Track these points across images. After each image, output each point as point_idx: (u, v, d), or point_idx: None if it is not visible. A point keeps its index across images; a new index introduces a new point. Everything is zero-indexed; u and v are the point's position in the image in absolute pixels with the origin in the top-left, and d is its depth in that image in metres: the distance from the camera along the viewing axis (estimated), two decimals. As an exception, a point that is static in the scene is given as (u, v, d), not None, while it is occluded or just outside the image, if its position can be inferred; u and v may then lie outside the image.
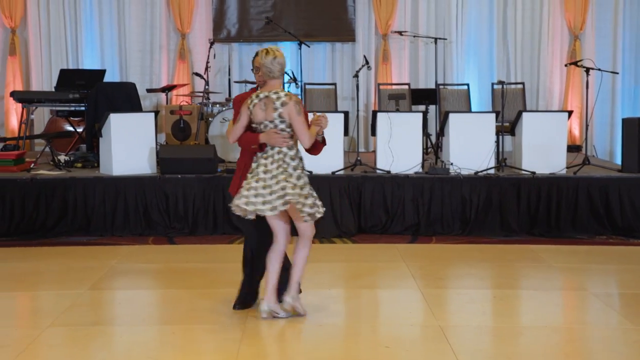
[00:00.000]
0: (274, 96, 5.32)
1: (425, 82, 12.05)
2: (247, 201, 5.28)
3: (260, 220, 5.43)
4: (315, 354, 4.95)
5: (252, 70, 5.65)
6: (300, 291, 5.61)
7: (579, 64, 9.98)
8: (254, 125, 5.40)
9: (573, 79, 12.08)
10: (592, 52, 12.06)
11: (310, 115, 5.53)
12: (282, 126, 5.31)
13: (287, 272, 5.53)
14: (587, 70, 9.54)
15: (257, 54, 5.52)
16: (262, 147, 5.38)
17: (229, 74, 11.75)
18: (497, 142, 9.08)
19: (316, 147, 5.54)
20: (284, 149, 5.32)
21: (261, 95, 5.36)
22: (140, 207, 8.50)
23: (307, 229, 5.45)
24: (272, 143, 5.32)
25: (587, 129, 9.75)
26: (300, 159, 5.42)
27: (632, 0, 12.15)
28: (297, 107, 5.30)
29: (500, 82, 9.51)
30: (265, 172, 5.30)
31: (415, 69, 12.23)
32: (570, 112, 9.41)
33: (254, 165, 5.39)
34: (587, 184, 8.59)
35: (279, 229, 5.44)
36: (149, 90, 11.52)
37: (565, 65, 11.74)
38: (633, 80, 12.25)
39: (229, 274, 6.80)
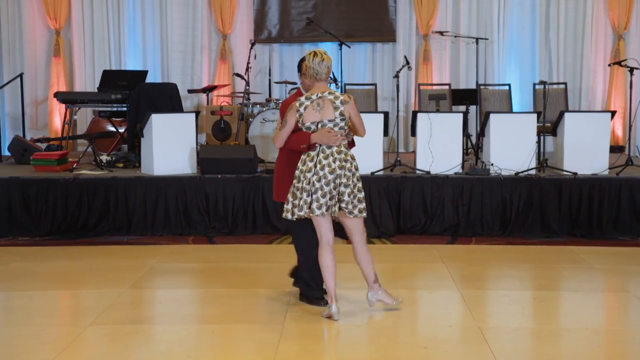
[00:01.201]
0: (331, 97, 5.46)
1: (466, 83, 11.98)
2: (319, 204, 5.42)
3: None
4: (353, 355, 4.95)
5: (298, 73, 5.71)
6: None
7: (622, 63, 9.86)
8: (304, 127, 5.48)
9: (616, 79, 11.93)
10: (636, 51, 11.89)
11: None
12: (342, 124, 5.46)
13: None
14: (631, 70, 9.42)
15: (304, 58, 5.59)
16: (311, 147, 5.45)
17: (270, 75, 11.78)
18: (539, 142, 9.01)
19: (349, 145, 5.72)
20: (343, 148, 5.47)
21: (313, 97, 5.47)
22: (181, 207, 8.57)
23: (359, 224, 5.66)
24: (326, 142, 5.42)
25: (630, 129, 9.62)
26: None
27: (678, -1, 11.96)
28: (356, 106, 5.56)
29: (542, 82, 9.44)
30: (330, 171, 5.41)
31: (456, 69, 12.17)
32: (613, 113, 9.30)
33: (304, 166, 5.46)
34: (630, 185, 8.47)
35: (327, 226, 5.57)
36: (190, 91, 11.60)
37: (609, 65, 11.59)
38: (677, 80, 12.05)
39: (268, 273, 6.85)
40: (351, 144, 5.69)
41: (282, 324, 5.45)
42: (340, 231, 5.80)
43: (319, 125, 5.44)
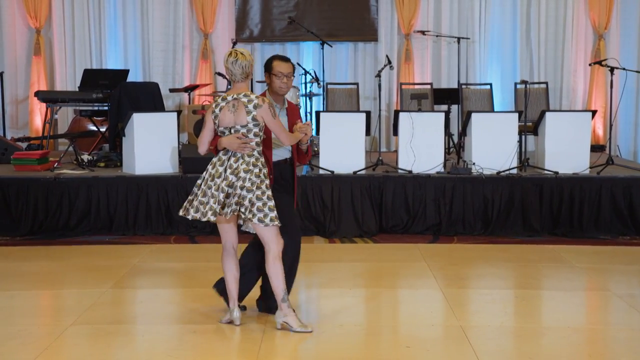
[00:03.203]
0: (245, 99, 5.15)
1: (448, 82, 12.01)
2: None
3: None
4: (335, 354, 4.95)
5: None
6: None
7: (603, 63, 9.90)
8: (219, 131, 5.22)
9: (597, 79, 11.99)
10: (616, 51, 11.96)
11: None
12: (256, 130, 5.14)
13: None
14: (612, 69, 9.47)
15: (271, 58, 5.48)
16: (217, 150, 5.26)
17: (252, 74, 11.77)
18: (520, 142, 9.04)
19: (302, 155, 5.47)
20: (255, 154, 5.15)
21: (229, 98, 5.20)
22: (162, 206, 8.54)
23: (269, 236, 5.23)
24: (234, 148, 5.14)
25: (610, 128, 9.68)
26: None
27: (658, -1, 12.04)
28: (271, 111, 5.14)
29: (524, 82, 9.47)
30: (234, 173, 5.14)
31: (437, 69, 12.19)
32: (594, 112, 9.35)
33: (214, 170, 5.24)
34: (611, 184, 8.53)
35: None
36: (172, 90, 11.57)
37: (590, 65, 11.65)
38: (657, 79, 12.14)
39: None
40: (306, 154, 5.42)
41: (264, 323, 5.43)
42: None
43: (232, 131, 5.14)
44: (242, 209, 5.14)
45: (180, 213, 5.40)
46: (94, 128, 11.03)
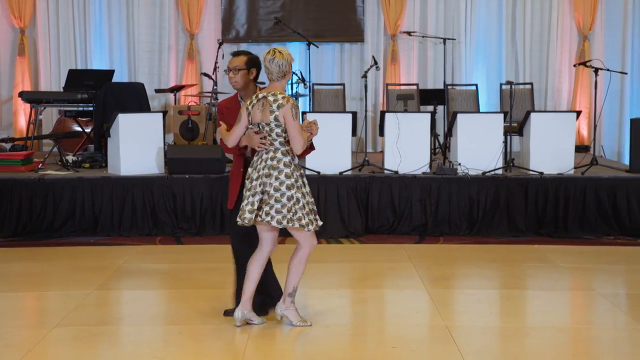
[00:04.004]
0: (271, 98, 5.16)
1: (434, 83, 12.03)
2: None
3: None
4: (321, 354, 4.95)
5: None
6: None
7: (587, 64, 9.95)
8: (250, 127, 5.26)
9: (582, 79, 12.04)
10: (601, 52, 12.02)
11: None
12: (278, 130, 5.15)
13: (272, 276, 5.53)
14: (596, 70, 9.51)
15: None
16: (253, 152, 5.29)
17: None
18: (505, 142, 9.07)
19: (304, 151, 5.44)
20: (278, 155, 5.17)
21: (260, 96, 5.23)
22: (148, 207, 8.52)
23: (300, 237, 5.30)
24: (252, 145, 5.20)
25: (595, 129, 9.73)
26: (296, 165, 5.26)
27: (642, 0, 12.11)
28: (292, 111, 5.13)
29: (509, 83, 9.50)
30: (257, 177, 5.19)
31: (423, 70, 12.21)
32: (578, 113, 9.39)
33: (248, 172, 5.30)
34: (595, 185, 8.57)
35: (268, 235, 5.32)
36: (158, 91, 11.54)
37: (574, 66, 11.70)
38: (642, 80, 12.21)
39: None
40: (309, 149, 5.41)
41: (250, 324, 5.42)
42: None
43: (259, 128, 5.19)
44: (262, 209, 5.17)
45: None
46: (79, 129, 10.99)
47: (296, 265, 5.31)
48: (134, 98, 10.16)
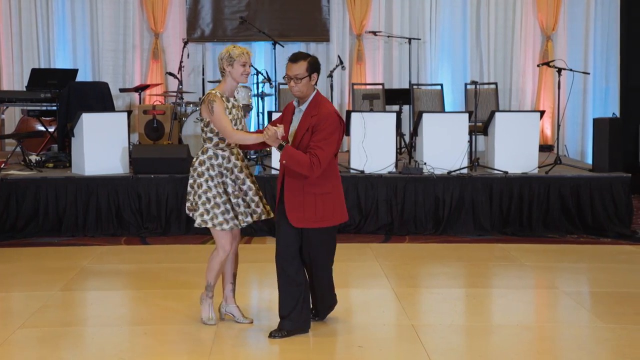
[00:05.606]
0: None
1: (399, 82, 12.08)
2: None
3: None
4: (288, 355, 4.95)
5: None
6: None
7: (551, 64, 10.04)
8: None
9: (545, 79, 12.17)
10: (564, 52, 12.15)
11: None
12: (202, 126, 5.22)
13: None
14: (559, 70, 9.61)
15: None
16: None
17: (203, 74, 11.68)
18: (470, 142, 9.13)
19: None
20: (199, 153, 5.28)
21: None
22: (113, 208, 8.46)
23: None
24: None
25: (558, 129, 9.83)
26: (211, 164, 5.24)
27: (604, 1, 12.24)
28: (209, 106, 5.09)
29: (474, 82, 9.57)
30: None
31: (389, 69, 12.26)
32: (542, 112, 9.46)
33: None
34: (559, 184, 8.65)
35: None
36: (122, 90, 11.45)
37: (538, 66, 11.81)
38: (604, 80, 12.33)
39: (201, 274, 6.75)
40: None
41: (216, 325, 5.41)
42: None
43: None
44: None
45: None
46: (42, 128, 10.87)
47: (208, 262, 5.40)
48: (98, 97, 10.08)
